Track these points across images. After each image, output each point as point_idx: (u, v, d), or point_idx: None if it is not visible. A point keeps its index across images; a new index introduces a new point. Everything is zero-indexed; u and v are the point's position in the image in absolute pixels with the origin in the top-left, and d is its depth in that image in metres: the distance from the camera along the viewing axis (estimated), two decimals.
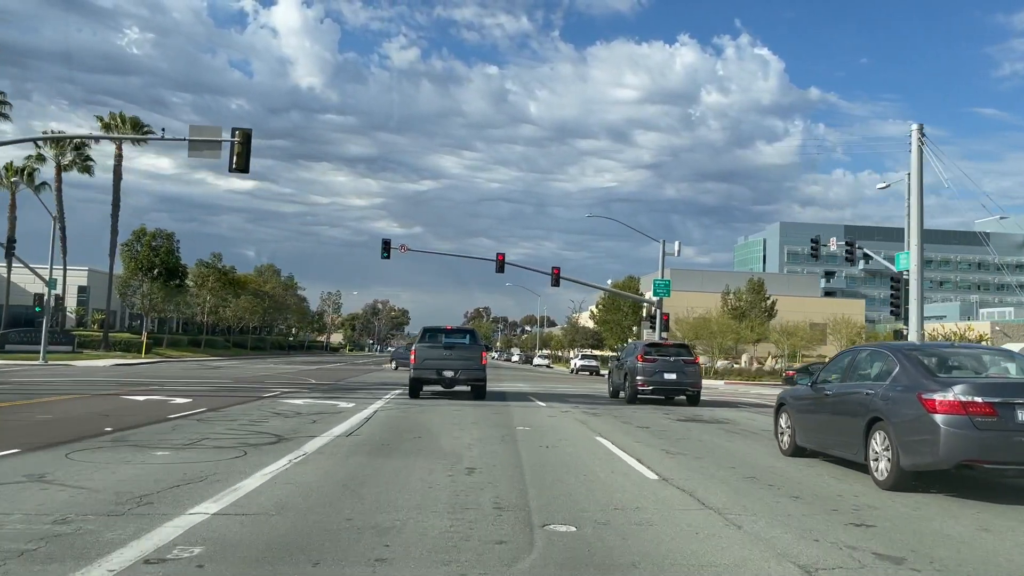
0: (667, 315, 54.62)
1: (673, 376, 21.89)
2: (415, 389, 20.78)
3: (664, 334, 55.11)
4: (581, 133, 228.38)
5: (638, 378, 21.86)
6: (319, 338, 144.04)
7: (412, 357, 20.55)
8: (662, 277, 54.79)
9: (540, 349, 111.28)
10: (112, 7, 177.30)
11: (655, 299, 54.55)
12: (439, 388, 21.83)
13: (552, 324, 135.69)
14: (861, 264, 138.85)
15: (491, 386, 23.73)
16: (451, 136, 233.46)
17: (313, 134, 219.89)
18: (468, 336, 21.91)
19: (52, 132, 57.15)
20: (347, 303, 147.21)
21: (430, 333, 21.94)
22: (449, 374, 20.31)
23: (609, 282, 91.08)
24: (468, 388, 21.36)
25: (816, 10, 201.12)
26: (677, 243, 54.49)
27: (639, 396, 22.11)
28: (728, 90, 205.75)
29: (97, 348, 57.02)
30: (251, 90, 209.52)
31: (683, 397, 22.48)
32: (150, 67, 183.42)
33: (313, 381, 29.62)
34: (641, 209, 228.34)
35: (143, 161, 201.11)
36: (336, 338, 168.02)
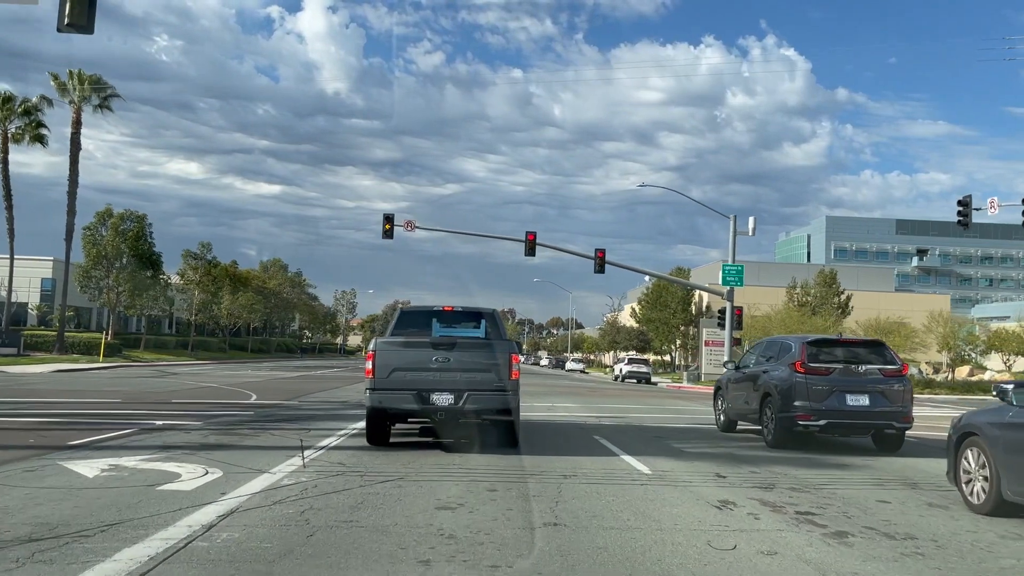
0: (740, 309, 44.06)
1: (864, 400, 11.39)
2: (377, 430, 10.59)
3: (735, 332, 44.51)
4: (605, 135, 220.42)
5: (796, 403, 11.42)
6: (335, 340, 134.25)
7: (369, 365, 10.29)
8: (733, 261, 44.18)
9: (572, 352, 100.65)
10: (142, 15, 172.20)
11: (724, 289, 43.98)
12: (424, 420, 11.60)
13: (579, 327, 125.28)
14: (914, 261, 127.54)
15: (523, 406, 13.33)
16: (476, 140, 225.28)
17: (339, 138, 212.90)
18: (484, 323, 11.41)
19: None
20: (363, 303, 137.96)
21: (410, 318, 11.69)
22: (445, 400, 10.03)
23: (647, 279, 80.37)
24: (482, 420, 11.12)
25: (843, 10, 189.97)
26: (752, 219, 43.82)
27: (795, 430, 11.70)
28: (754, 92, 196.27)
29: (51, 350, 47.80)
30: (277, 95, 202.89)
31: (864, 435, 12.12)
32: (179, 73, 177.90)
33: (253, 398, 19.56)
34: (667, 211, 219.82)
35: (172, 166, 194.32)
36: (356, 340, 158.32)
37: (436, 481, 7.97)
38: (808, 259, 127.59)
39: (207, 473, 8.02)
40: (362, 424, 11.19)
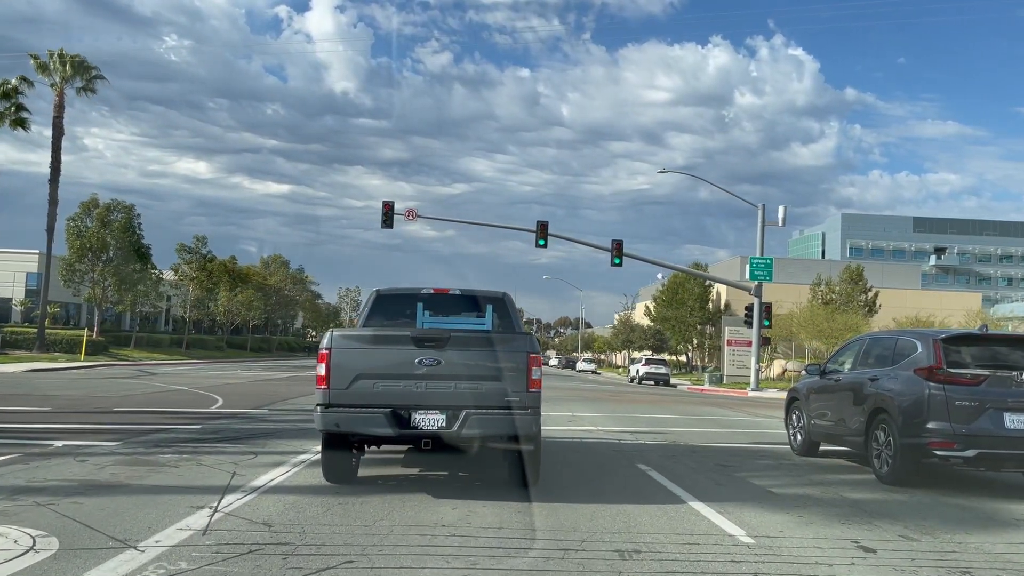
0: (769, 306, 40.68)
1: None
2: (335, 464, 7.42)
3: (763, 331, 41.12)
4: (613, 135, 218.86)
5: (930, 426, 8.00)
6: None
7: (321, 371, 7.07)
8: (761, 254, 40.77)
9: (583, 352, 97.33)
10: (152, 15, 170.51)
11: (751, 284, 40.61)
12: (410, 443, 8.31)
13: (588, 326, 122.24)
14: (932, 259, 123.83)
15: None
16: (484, 139, 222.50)
17: (347, 138, 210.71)
18: (491, 311, 8.24)
19: None
20: None
21: (389, 304, 8.44)
22: (433, 422, 6.81)
23: (660, 276, 76.92)
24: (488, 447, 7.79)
25: (852, 9, 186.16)
26: (782, 208, 40.41)
27: (925, 462, 8.30)
28: (762, 91, 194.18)
29: (31, 348, 44.85)
30: (286, 95, 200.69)
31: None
32: (188, 73, 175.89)
33: (217, 405, 16.37)
34: (674, 212, 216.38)
35: (181, 166, 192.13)
36: None
37: (408, 568, 4.73)
38: (823, 257, 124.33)
39: (30, 550, 4.82)
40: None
